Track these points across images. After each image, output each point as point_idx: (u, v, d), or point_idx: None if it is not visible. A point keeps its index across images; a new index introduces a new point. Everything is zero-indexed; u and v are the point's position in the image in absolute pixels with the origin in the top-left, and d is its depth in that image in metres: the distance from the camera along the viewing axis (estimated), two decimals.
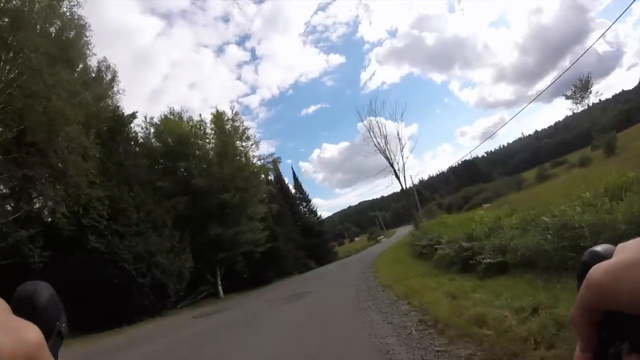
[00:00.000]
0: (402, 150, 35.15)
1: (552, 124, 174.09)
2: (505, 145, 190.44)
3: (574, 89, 52.63)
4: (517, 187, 59.80)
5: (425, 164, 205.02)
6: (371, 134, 36.14)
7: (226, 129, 28.30)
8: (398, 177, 35.66)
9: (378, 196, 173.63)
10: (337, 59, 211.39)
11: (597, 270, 0.37)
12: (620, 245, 0.39)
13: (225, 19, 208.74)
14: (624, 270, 0.34)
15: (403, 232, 75.40)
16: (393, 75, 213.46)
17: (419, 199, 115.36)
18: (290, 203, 49.93)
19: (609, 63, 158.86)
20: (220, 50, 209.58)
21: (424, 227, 23.96)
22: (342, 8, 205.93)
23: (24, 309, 0.39)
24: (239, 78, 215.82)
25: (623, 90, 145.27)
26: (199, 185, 25.08)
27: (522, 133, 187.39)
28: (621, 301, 0.34)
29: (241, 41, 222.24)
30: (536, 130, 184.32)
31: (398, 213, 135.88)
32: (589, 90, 49.91)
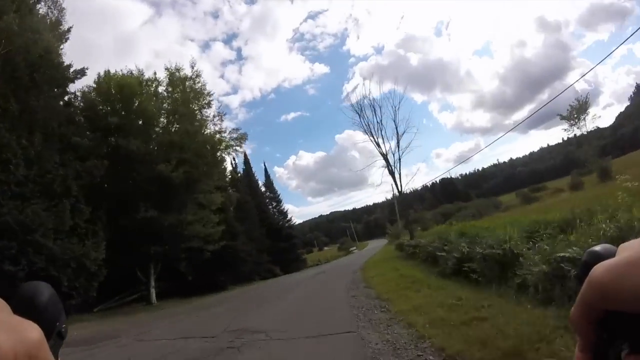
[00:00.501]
0: (398, 143, 28.55)
1: (527, 153, 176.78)
2: (480, 169, 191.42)
3: (570, 109, 48.12)
4: (495, 209, 58.28)
5: (398, 180, 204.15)
6: (363, 115, 29.90)
7: (181, 88, 21.69)
8: (392, 173, 29.16)
9: (350, 208, 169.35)
10: (321, 69, 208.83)
11: (599, 268, 0.36)
12: (623, 245, 0.38)
13: (215, 14, 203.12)
14: (626, 268, 0.34)
15: (375, 245, 69.98)
16: (375, 91, 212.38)
17: (394, 213, 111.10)
18: (258, 201, 43.53)
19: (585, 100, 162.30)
20: (206, 46, 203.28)
21: (439, 232, 18.07)
22: (332, 19, 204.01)
23: (24, 309, 0.38)
24: (222, 76, 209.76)
25: (598, 128, 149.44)
26: (130, 147, 18.45)
27: (497, 159, 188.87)
28: (623, 300, 0.34)
29: (228, 39, 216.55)
30: (511, 158, 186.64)
31: (370, 226, 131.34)
32: (587, 112, 45.53)
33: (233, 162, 41.22)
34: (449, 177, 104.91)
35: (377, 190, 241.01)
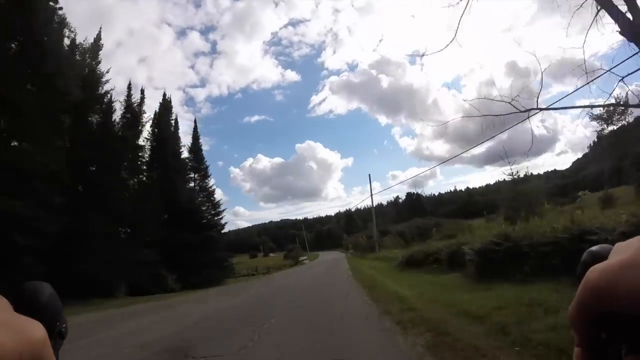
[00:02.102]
0: None
1: (484, 185, 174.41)
2: (437, 194, 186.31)
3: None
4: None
5: (352, 196, 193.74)
6: None
7: None
8: None
9: (301, 217, 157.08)
10: (292, 76, 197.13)
11: (594, 271, 0.35)
12: (618, 245, 0.37)
13: (197, 3, 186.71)
14: (621, 271, 0.33)
15: (329, 258, 55.83)
16: (342, 107, 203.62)
17: (351, 224, 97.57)
18: (165, 163, 28.08)
19: (542, 145, 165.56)
20: (182, 33, 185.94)
21: None
22: (312, 30, 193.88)
23: (25, 308, 0.38)
24: (192, 67, 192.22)
25: (555, 170, 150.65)
26: None
27: (455, 187, 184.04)
28: (619, 302, 0.33)
29: (206, 31, 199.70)
30: (468, 187, 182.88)
31: (321, 236, 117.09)
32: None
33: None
34: (414, 192, 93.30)
35: (330, 203, 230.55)
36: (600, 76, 9.15)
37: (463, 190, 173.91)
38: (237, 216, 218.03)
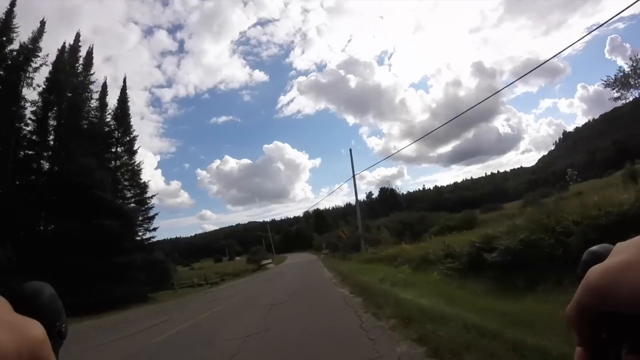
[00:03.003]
0: None
1: (451, 183, 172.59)
2: (405, 193, 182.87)
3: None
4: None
5: (320, 197, 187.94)
6: None
7: None
8: None
9: (269, 219, 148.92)
10: (260, 77, 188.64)
11: (594, 272, 0.35)
12: (619, 245, 0.36)
13: (165, 2, 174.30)
14: (621, 272, 0.32)
15: (299, 260, 46.88)
16: (310, 107, 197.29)
17: (322, 224, 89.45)
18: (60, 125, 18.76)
19: (506, 144, 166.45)
20: (149, 32, 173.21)
21: None
22: (281, 30, 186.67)
23: (25, 308, 0.37)
24: (159, 66, 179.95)
25: (521, 167, 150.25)
26: None
27: (424, 186, 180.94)
28: (619, 303, 0.32)
29: (173, 29, 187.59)
30: (436, 185, 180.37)
31: (289, 237, 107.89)
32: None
33: None
34: (388, 187, 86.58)
35: (298, 204, 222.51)
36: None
37: (432, 188, 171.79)
38: (204, 220, 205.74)
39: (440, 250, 11.72)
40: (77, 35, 24.21)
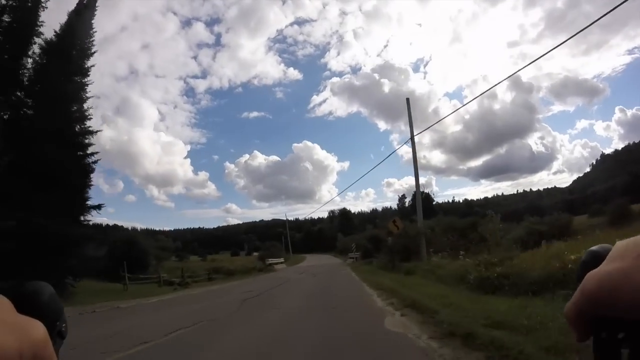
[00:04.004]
0: None
1: (481, 197, 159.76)
2: (434, 203, 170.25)
3: None
4: None
5: (346, 202, 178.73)
6: None
7: None
8: None
9: (292, 218, 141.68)
10: (294, 75, 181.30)
11: (591, 279, 0.34)
12: (618, 244, 0.35)
13: None
14: (619, 280, 0.31)
15: (316, 262, 36.89)
16: (342, 109, 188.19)
17: (347, 225, 78.98)
18: None
19: (539, 163, 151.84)
20: (187, 23, 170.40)
21: None
22: (318, 30, 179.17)
23: (25, 308, 0.37)
24: (195, 57, 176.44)
25: (555, 187, 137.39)
26: None
27: (453, 198, 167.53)
28: (616, 310, 0.31)
29: (211, 22, 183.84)
30: (466, 199, 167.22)
31: (312, 237, 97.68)
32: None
33: None
34: (423, 191, 74.85)
35: (324, 207, 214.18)
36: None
37: (461, 201, 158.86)
38: (229, 213, 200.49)
39: None
40: None
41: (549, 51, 13.50)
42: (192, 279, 25.10)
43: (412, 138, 18.62)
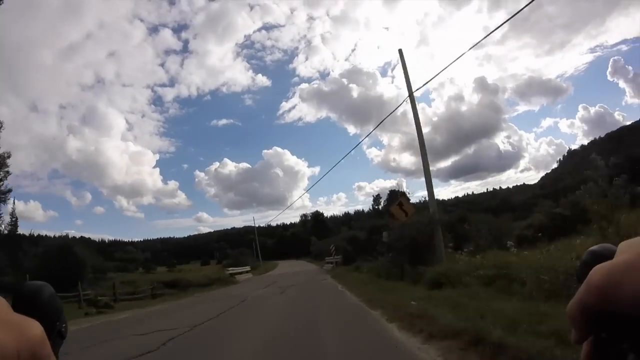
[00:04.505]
0: None
1: (452, 197, 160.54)
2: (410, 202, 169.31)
3: None
4: None
5: (319, 206, 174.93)
6: None
7: None
8: None
9: (264, 225, 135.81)
10: (263, 81, 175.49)
11: (597, 272, 0.33)
12: (622, 244, 0.35)
13: (172, 1, 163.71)
14: (624, 272, 0.31)
15: (290, 270, 31.40)
16: (311, 115, 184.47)
17: (321, 227, 74.67)
18: None
19: (506, 161, 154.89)
20: (154, 30, 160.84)
21: None
22: (286, 35, 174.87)
23: (25, 308, 0.37)
24: (162, 64, 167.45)
25: (525, 184, 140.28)
26: None
27: (424, 198, 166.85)
28: (622, 303, 0.31)
29: (178, 29, 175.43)
30: (438, 199, 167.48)
31: (285, 242, 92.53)
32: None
33: None
34: (398, 190, 71.69)
35: (296, 212, 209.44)
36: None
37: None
38: (201, 222, 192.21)
39: None
40: None
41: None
42: (134, 295, 20.12)
43: (410, 94, 14.72)
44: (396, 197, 63.14)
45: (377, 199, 78.56)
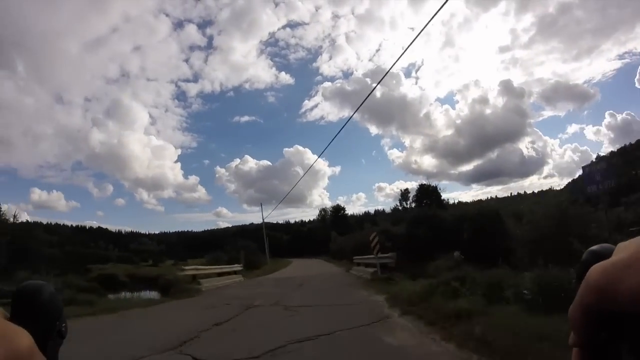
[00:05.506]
0: None
1: (476, 200, 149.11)
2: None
3: None
4: None
5: (337, 204, 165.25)
6: None
7: None
8: None
9: (282, 221, 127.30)
10: (286, 79, 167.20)
11: (595, 270, 0.32)
12: (620, 245, 0.34)
13: None
14: (622, 270, 0.30)
15: (299, 273, 19.17)
16: (333, 114, 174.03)
17: (341, 223, 64.18)
18: None
19: (530, 167, 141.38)
20: (179, 25, 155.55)
21: None
22: (310, 34, 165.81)
23: (24, 308, 0.36)
24: (186, 60, 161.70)
25: (551, 189, 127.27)
26: None
27: (447, 200, 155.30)
28: (620, 301, 0.30)
29: (203, 24, 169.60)
30: (460, 201, 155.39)
31: (301, 238, 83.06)
32: None
33: None
34: (429, 184, 60.46)
35: (315, 211, 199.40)
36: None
37: (455, 204, 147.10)
38: (220, 217, 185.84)
39: None
40: None
41: None
42: None
43: None
44: (427, 192, 51.41)
45: (405, 194, 67.94)
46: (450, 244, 17.38)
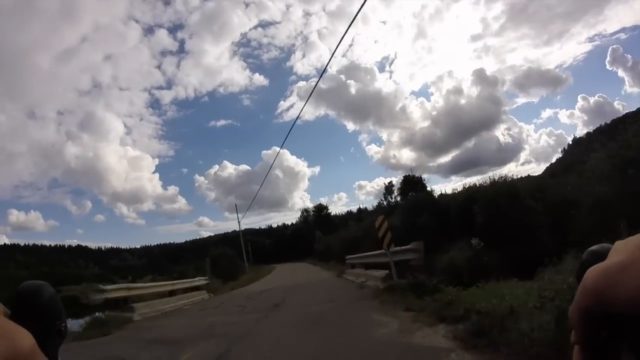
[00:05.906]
0: None
1: (457, 192, 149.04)
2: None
3: None
4: None
5: (319, 203, 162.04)
6: None
7: None
8: None
9: (264, 226, 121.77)
10: (260, 80, 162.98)
11: (592, 273, 0.32)
12: (617, 244, 0.34)
13: (167, 1, 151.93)
14: (618, 273, 0.30)
15: (281, 282, 14.44)
16: (309, 113, 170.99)
17: (324, 222, 60.20)
18: None
19: (507, 154, 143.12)
20: (149, 30, 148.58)
21: None
22: (282, 32, 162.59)
23: (24, 308, 0.36)
24: (159, 66, 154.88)
25: (529, 175, 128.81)
26: None
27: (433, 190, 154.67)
28: (617, 304, 0.30)
29: (174, 29, 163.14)
30: (441, 193, 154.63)
31: (284, 241, 78.61)
32: None
33: None
34: (413, 174, 57.53)
35: (296, 213, 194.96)
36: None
37: (436, 196, 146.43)
38: (202, 226, 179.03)
39: None
40: None
41: None
42: None
43: None
44: (412, 183, 47.90)
45: (389, 188, 64.91)
46: (460, 232, 14.67)
